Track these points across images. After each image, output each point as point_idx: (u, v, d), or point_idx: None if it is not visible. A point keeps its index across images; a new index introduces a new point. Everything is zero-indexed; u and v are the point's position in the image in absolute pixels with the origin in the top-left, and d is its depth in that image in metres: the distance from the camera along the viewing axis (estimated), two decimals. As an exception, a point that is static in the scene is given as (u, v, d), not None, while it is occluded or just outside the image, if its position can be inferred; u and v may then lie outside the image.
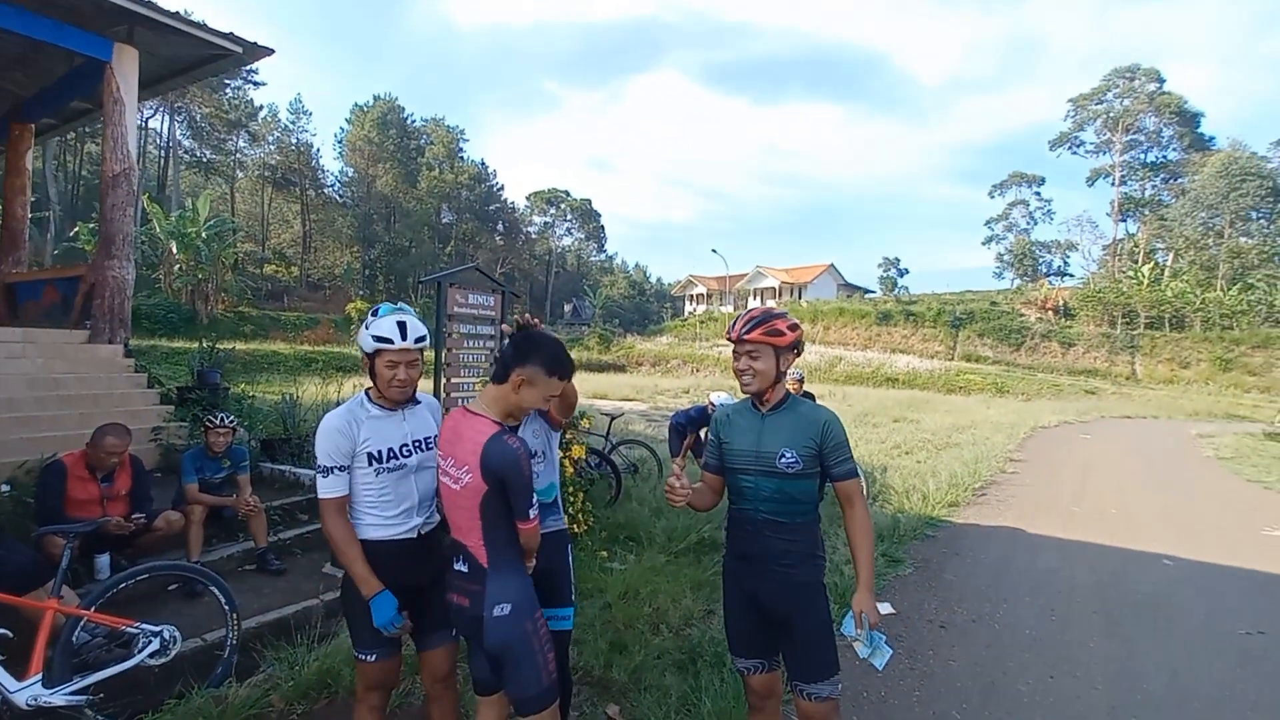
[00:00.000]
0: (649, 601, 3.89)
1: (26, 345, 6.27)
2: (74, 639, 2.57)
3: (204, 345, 7.34)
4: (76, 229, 29.00)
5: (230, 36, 6.79)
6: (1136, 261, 43.91)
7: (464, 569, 1.89)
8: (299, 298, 42.94)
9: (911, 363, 32.70)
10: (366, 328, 2.01)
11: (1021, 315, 37.47)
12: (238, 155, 47.13)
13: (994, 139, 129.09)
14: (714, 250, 48.98)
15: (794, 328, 2.02)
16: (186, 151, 44.55)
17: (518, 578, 1.87)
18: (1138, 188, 51.20)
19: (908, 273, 54.77)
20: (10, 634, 2.43)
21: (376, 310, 2.06)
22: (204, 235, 29.33)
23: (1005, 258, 56.80)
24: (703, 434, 6.39)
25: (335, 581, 4.12)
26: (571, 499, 4.76)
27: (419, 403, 2.17)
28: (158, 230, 29.21)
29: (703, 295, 58.91)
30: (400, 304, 2.08)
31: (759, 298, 53.53)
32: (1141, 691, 3.17)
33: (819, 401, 2.63)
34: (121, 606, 2.83)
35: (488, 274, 5.57)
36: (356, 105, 53.58)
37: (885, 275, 54.76)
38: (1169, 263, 42.84)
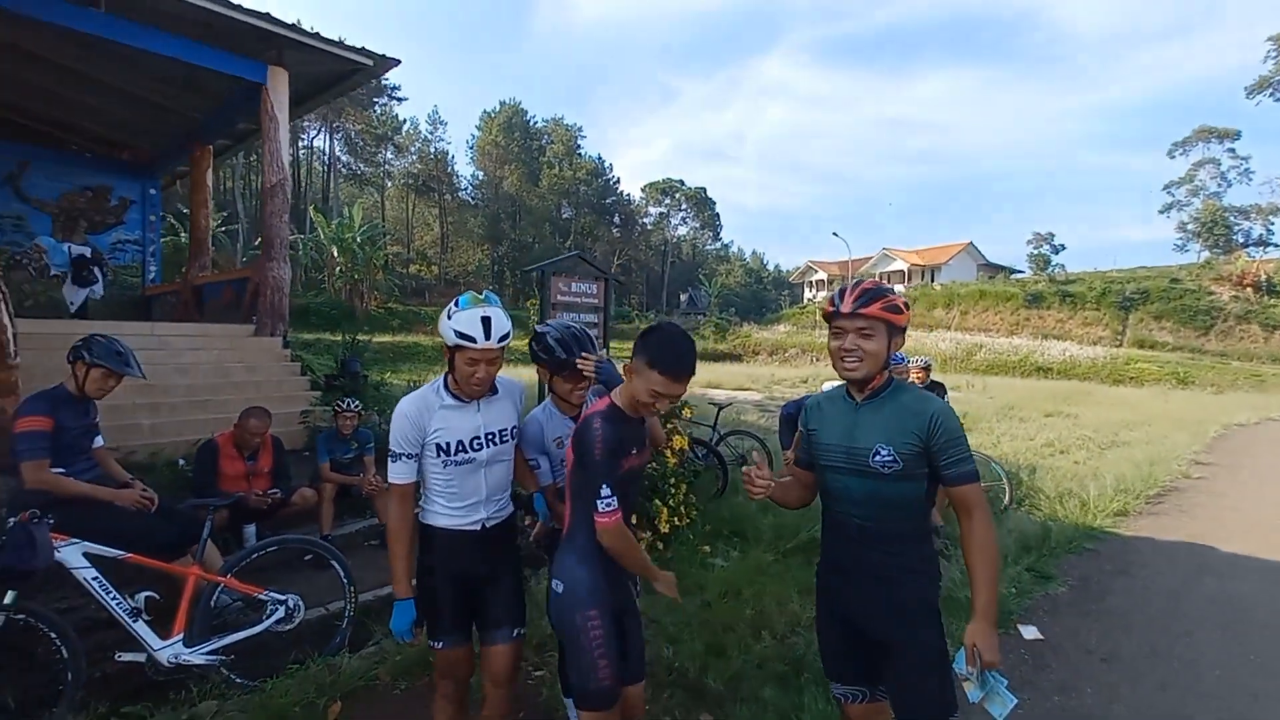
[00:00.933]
0: (752, 603, 3.66)
1: (206, 338, 7.21)
2: (212, 603, 2.83)
3: (346, 338, 8.03)
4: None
5: (362, 51, 7.32)
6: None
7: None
8: (438, 294, 46.53)
9: (1068, 349, 28.96)
10: (449, 317, 1.89)
11: (1211, 294, 31.94)
12: (386, 166, 51.88)
13: (1166, 95, 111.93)
14: (835, 234, 46.46)
15: (907, 307, 1.76)
16: (344, 165, 49.78)
17: (583, 566, 1.84)
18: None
19: (1063, 249, 48.38)
20: (158, 596, 2.72)
21: (459, 301, 1.92)
22: (359, 240, 32.74)
23: (1189, 227, 48.55)
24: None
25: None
26: (673, 490, 4.62)
27: (497, 392, 2.07)
28: (322, 237, 33.01)
29: (823, 282, 56.24)
30: (486, 292, 1.97)
31: (886, 282, 50.16)
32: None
33: (951, 393, 2.27)
34: (257, 575, 3.09)
35: (590, 261, 5.56)
36: (485, 112, 56.88)
37: (1036, 253, 48.69)
38: None
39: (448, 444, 1.95)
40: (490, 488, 2.04)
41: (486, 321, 1.86)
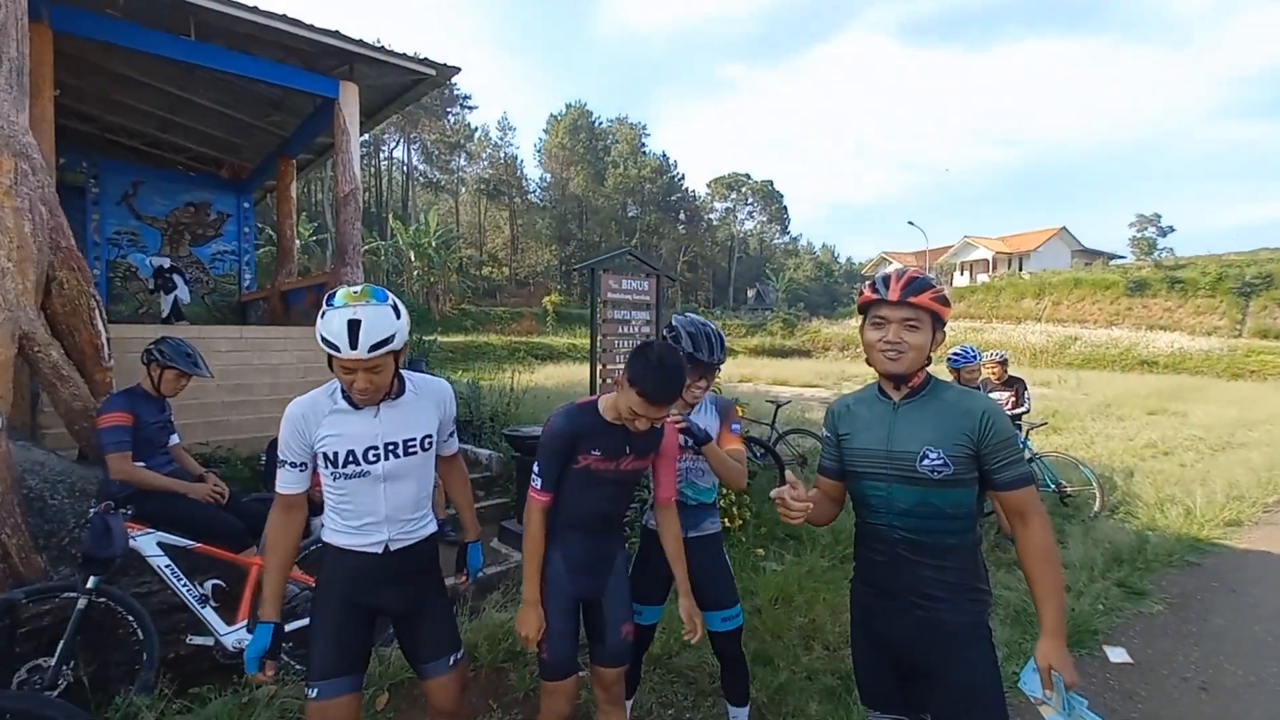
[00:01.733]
0: (804, 611, 3.51)
1: (289, 340, 7.69)
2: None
3: (413, 338, 8.38)
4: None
5: (425, 61, 7.60)
6: None
7: None
8: (508, 294, 48.04)
9: (1177, 341, 26.34)
10: (321, 317, 1.61)
11: (1354, 277, 28.23)
12: (459, 173, 53.94)
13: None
14: (910, 223, 44.24)
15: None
16: (421, 174, 52.18)
17: (551, 548, 1.95)
18: None
19: (1171, 231, 43.97)
20: (224, 585, 2.90)
21: (330, 297, 1.62)
22: (434, 245, 34.32)
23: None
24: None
25: (498, 557, 4.38)
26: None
27: (403, 394, 1.78)
28: (401, 243, 34.81)
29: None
30: (370, 286, 1.66)
31: (967, 273, 47.46)
32: None
33: (1041, 390, 2.08)
34: (314, 566, 3.23)
35: (642, 258, 5.51)
36: (551, 115, 58.08)
37: (1139, 236, 44.54)
38: None
39: (335, 454, 1.69)
40: (392, 506, 1.76)
41: (354, 326, 1.55)
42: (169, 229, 11.19)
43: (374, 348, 1.57)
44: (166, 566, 2.77)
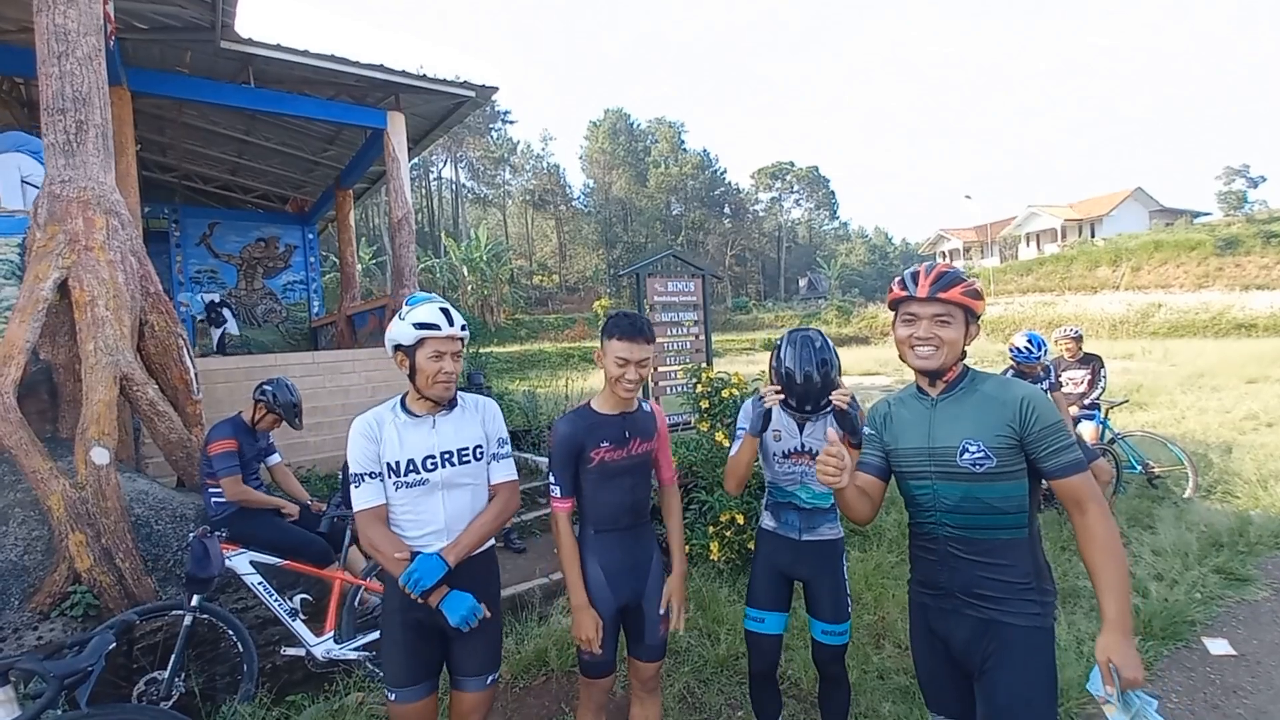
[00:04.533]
0: (873, 608, 3.44)
1: (356, 362, 8.09)
2: (356, 603, 3.16)
3: (469, 350, 8.65)
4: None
5: (465, 84, 7.83)
6: None
7: None
8: (559, 301, 48.83)
9: (1278, 300, 24.19)
10: (401, 319, 1.79)
11: None
12: (505, 186, 55.27)
13: None
14: (967, 196, 42.40)
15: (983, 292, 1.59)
16: (469, 190, 53.75)
17: (587, 555, 1.99)
18: None
19: (1263, 181, 40.33)
20: (311, 599, 3.10)
21: (409, 300, 1.85)
22: (485, 258, 35.31)
23: None
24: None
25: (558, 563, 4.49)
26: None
27: (455, 407, 1.90)
28: (454, 259, 35.97)
29: (957, 251, 51.61)
30: (430, 294, 1.91)
31: (1034, 243, 44.98)
32: None
33: (1123, 364, 1.95)
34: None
35: (685, 259, 5.52)
36: (591, 122, 58.67)
37: (1227, 190, 41.16)
38: None
39: (396, 462, 1.79)
40: (450, 514, 1.83)
41: (446, 311, 1.81)
42: (243, 264, 11.99)
43: (463, 327, 1.84)
44: (259, 583, 2.99)
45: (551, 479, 1.96)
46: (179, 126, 8.81)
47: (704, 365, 5.08)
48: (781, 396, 2.03)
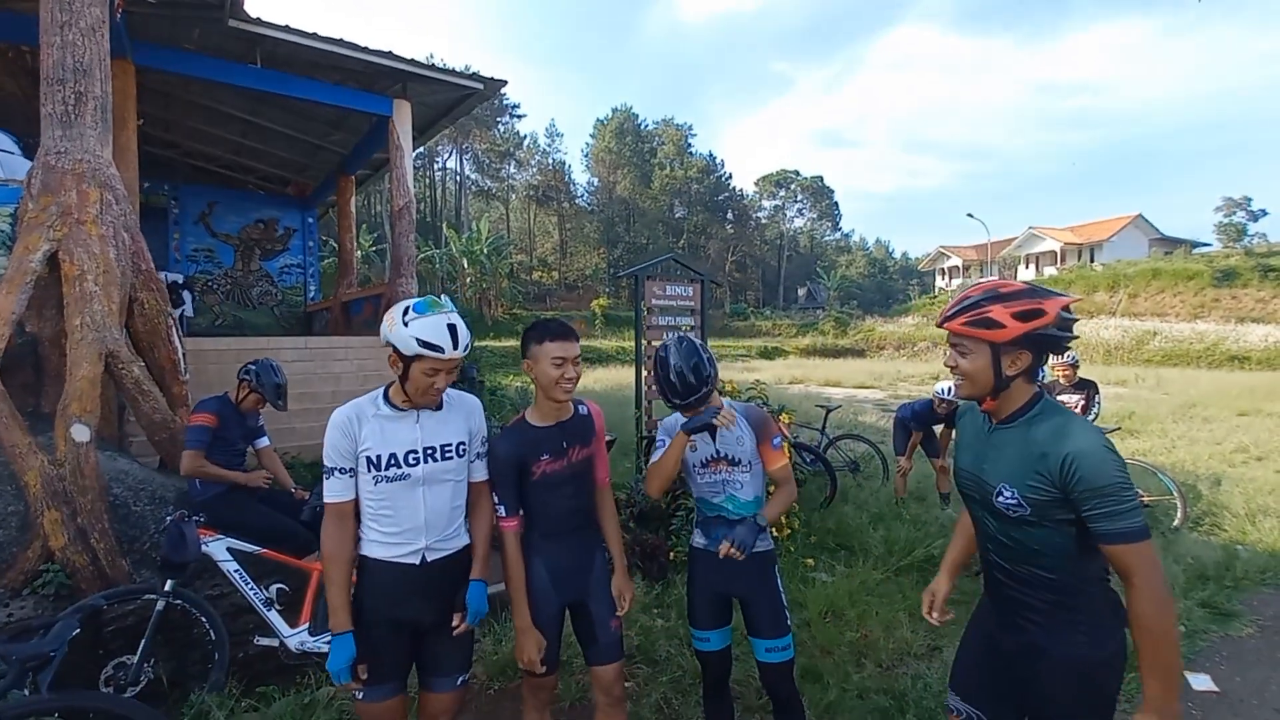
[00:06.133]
0: (855, 626, 3.41)
1: (349, 349, 8.03)
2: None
3: (464, 345, 8.61)
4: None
5: (474, 77, 7.81)
6: None
7: None
8: (558, 298, 48.76)
9: (1273, 334, 24.28)
10: (405, 325, 1.70)
11: None
12: (509, 180, 55.16)
13: None
14: (970, 215, 42.37)
15: (1030, 315, 1.38)
16: (473, 183, 53.63)
17: (532, 556, 1.99)
18: None
19: (1263, 215, 40.65)
20: (288, 589, 3.05)
21: (415, 305, 1.73)
22: (485, 251, 35.22)
23: None
24: (937, 430, 5.48)
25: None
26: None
27: (441, 406, 1.86)
28: (454, 251, 35.88)
29: (956, 268, 51.79)
30: (442, 296, 1.80)
31: (1033, 266, 45.17)
32: None
33: (1116, 390, 1.94)
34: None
35: (685, 263, 5.49)
36: (598, 120, 58.66)
37: (1227, 222, 41.46)
38: None
39: (378, 457, 1.75)
40: (431, 511, 1.81)
41: (453, 329, 1.72)
42: (241, 245, 11.90)
43: (466, 347, 1.77)
44: (235, 571, 2.94)
45: (495, 499, 1.95)
46: (184, 104, 8.73)
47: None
48: (734, 416, 2.04)
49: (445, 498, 1.84)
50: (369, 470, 1.75)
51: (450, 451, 1.84)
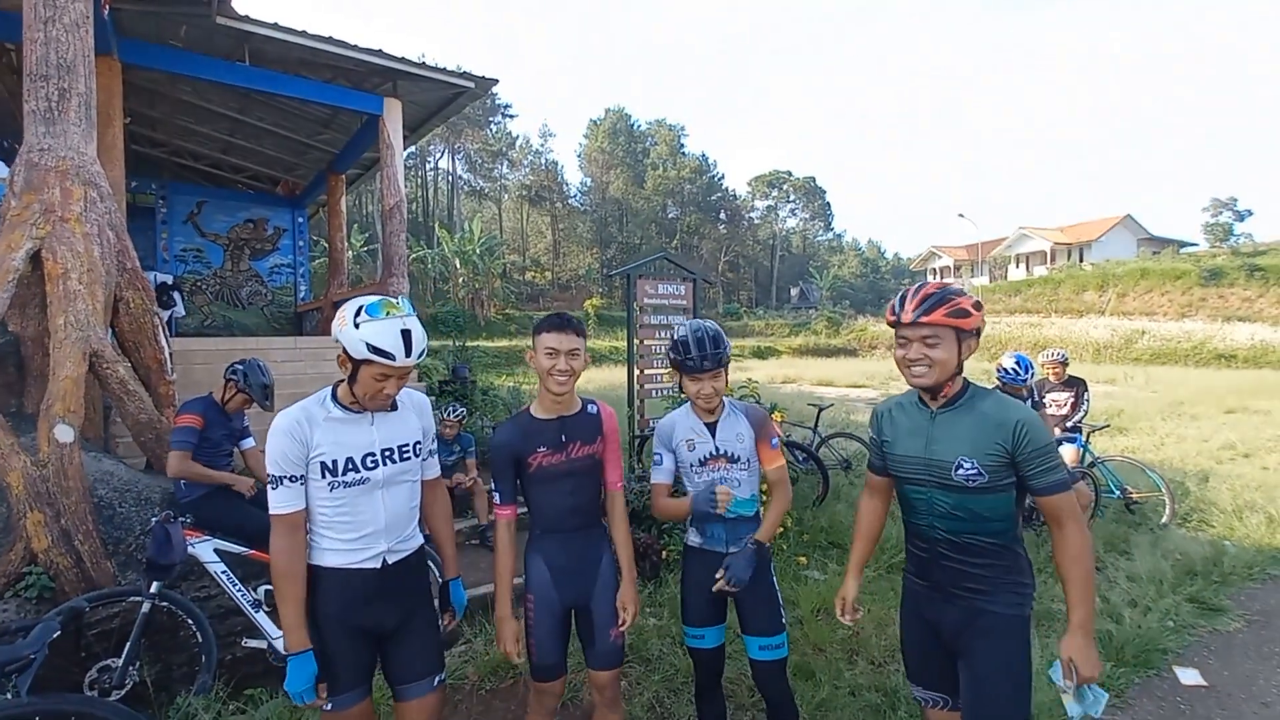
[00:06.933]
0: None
1: (339, 349, 8.01)
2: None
3: (456, 344, 8.55)
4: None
5: (465, 75, 7.76)
6: None
7: None
8: (551, 298, 48.66)
9: (1259, 333, 24.58)
10: (356, 326, 1.60)
11: None
12: (502, 180, 55.03)
13: None
14: (961, 215, 42.72)
15: (979, 306, 1.65)
16: (465, 182, 53.46)
17: (533, 556, 2.01)
18: None
19: (1249, 215, 41.14)
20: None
21: (368, 308, 1.62)
22: (478, 251, 35.10)
23: None
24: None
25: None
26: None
27: (395, 406, 1.80)
28: (446, 251, 35.73)
29: (948, 268, 52.07)
30: (399, 296, 1.72)
31: (1023, 265, 45.49)
32: None
33: (1106, 388, 2.04)
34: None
35: (677, 262, 5.49)
36: (591, 120, 58.59)
37: (1214, 222, 41.91)
38: None
39: (334, 462, 1.66)
40: (391, 514, 1.75)
41: (407, 335, 1.62)
42: (230, 245, 11.80)
43: (420, 354, 1.67)
44: (223, 572, 2.91)
45: (493, 486, 1.98)
46: (171, 101, 8.64)
47: (691, 370, 5.04)
48: (730, 496, 1.99)
49: (404, 499, 1.80)
50: (323, 476, 1.66)
51: (408, 452, 1.79)
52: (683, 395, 2.31)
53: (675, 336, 2.15)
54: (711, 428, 2.13)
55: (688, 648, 2.23)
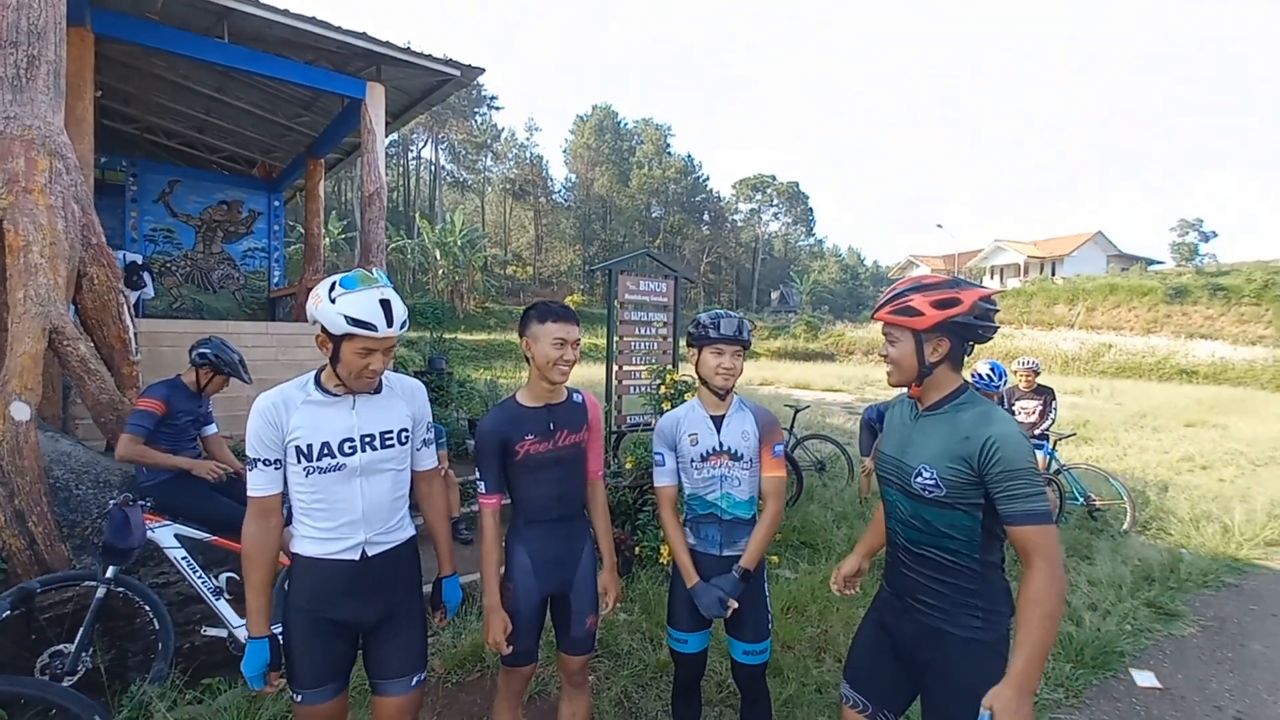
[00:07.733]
0: (816, 621, 3.45)
1: (312, 337, 7.83)
2: (283, 586, 3.01)
3: (433, 336, 8.45)
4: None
5: (450, 62, 7.66)
6: None
7: None
8: (532, 294, 48.34)
9: (1219, 350, 25.46)
10: (333, 301, 1.56)
11: None
12: (485, 173, 54.52)
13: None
14: (939, 225, 43.55)
15: (946, 304, 1.49)
16: (448, 173, 52.85)
17: (515, 543, 1.99)
18: None
19: (1214, 236, 42.61)
20: (238, 578, 2.93)
21: (343, 280, 1.59)
22: (459, 244, 34.72)
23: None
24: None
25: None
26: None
27: (380, 390, 1.73)
28: (427, 242, 35.26)
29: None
30: (374, 269, 1.66)
31: (998, 276, 46.43)
32: None
33: (1073, 399, 2.02)
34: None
35: (659, 259, 5.48)
36: (578, 116, 58.39)
37: (1180, 242, 43.28)
38: None
39: (308, 446, 1.60)
40: (370, 503, 1.68)
41: (386, 305, 1.57)
42: (202, 226, 11.49)
43: (402, 325, 1.62)
44: (183, 558, 2.83)
45: (478, 475, 1.94)
46: (146, 76, 8.39)
47: (669, 367, 5.05)
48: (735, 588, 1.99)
49: (385, 488, 1.71)
50: (299, 460, 1.61)
51: (391, 439, 1.71)
52: (686, 380, 2.31)
53: (699, 319, 2.12)
54: (718, 422, 2.09)
55: (670, 649, 2.19)
